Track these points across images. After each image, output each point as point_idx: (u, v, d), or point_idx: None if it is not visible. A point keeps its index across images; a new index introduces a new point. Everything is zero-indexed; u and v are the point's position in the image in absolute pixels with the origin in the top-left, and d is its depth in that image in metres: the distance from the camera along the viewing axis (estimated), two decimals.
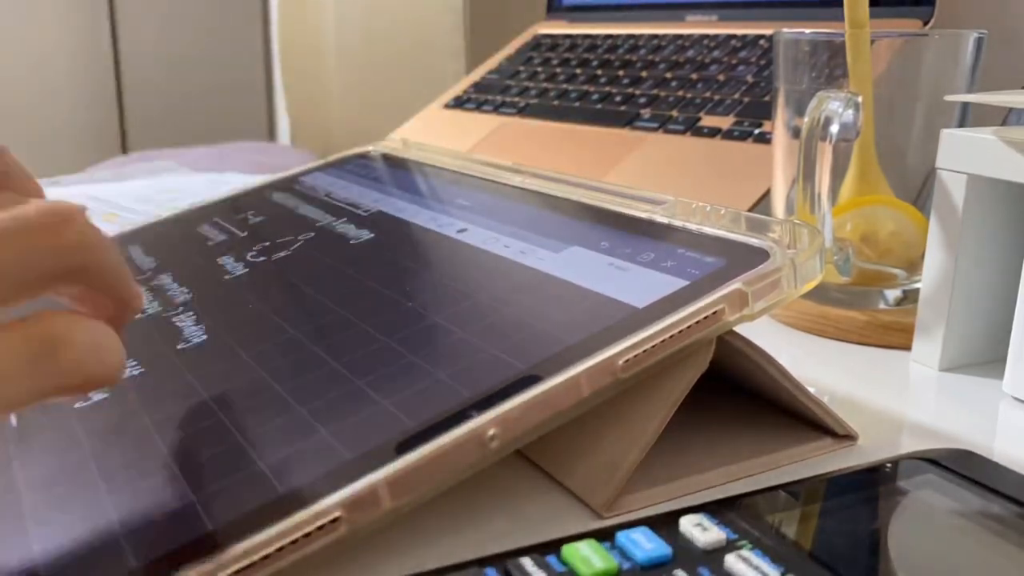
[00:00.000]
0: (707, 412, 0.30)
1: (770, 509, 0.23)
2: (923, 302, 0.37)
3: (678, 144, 0.59)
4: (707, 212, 0.31)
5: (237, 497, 0.22)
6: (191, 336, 0.32)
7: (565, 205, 0.35)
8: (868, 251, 0.41)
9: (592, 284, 0.28)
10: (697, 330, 0.25)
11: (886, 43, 0.40)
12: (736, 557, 0.21)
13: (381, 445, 0.22)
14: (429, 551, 0.24)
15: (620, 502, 0.26)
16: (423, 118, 0.79)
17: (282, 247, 0.39)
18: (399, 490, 0.21)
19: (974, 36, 0.39)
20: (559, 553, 0.21)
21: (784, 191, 0.43)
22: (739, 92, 0.61)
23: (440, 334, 0.27)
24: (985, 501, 0.24)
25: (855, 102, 0.37)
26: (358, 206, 0.42)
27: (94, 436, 0.26)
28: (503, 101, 0.75)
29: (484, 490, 0.27)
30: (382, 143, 0.53)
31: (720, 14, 0.71)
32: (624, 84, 0.69)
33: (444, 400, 0.24)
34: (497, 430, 0.23)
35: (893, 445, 0.30)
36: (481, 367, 0.25)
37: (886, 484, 0.25)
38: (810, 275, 0.27)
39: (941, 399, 0.35)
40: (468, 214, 0.37)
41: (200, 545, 0.20)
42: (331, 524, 0.21)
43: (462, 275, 0.31)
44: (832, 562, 0.21)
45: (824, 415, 0.29)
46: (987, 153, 0.34)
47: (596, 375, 0.24)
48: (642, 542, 0.21)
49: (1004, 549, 0.22)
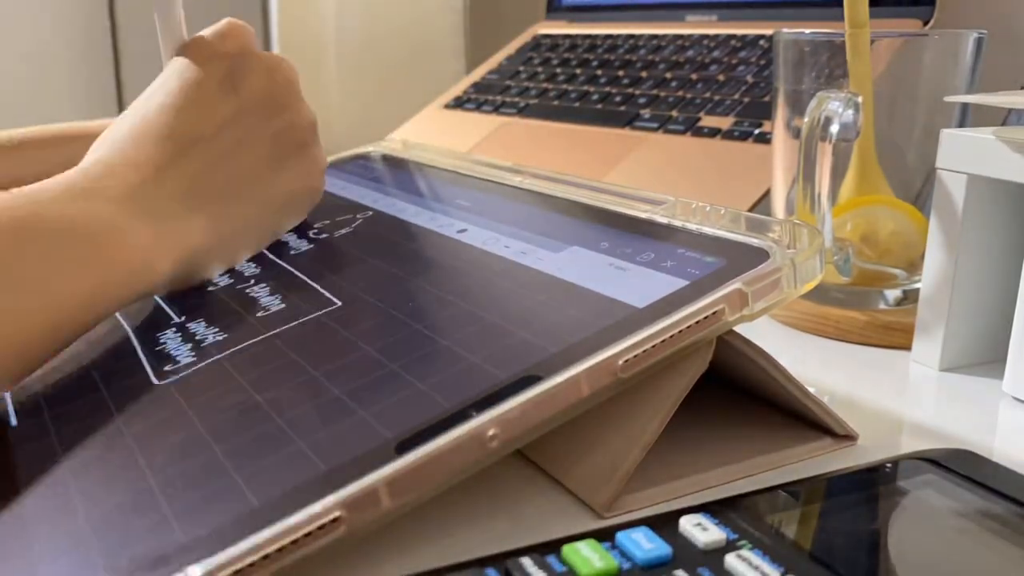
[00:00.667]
0: (707, 412, 0.30)
1: (770, 509, 0.23)
2: (923, 302, 0.37)
3: (678, 144, 0.59)
4: (707, 212, 0.31)
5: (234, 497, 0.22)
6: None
7: (565, 205, 0.35)
8: (868, 251, 0.41)
9: (592, 284, 0.28)
10: (697, 330, 0.25)
11: (886, 43, 0.40)
12: (736, 557, 0.21)
13: (381, 445, 0.22)
14: (429, 551, 0.24)
15: (620, 502, 0.26)
16: (423, 118, 0.79)
17: (283, 246, 0.39)
18: (399, 490, 0.21)
19: (974, 36, 0.39)
20: (559, 553, 0.21)
21: (784, 191, 0.43)
22: (739, 92, 0.61)
23: (440, 334, 0.27)
24: (985, 501, 0.24)
25: (855, 102, 0.37)
26: (358, 206, 0.42)
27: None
28: (503, 101, 0.75)
29: (484, 490, 0.27)
30: (382, 143, 0.53)
31: (720, 14, 0.71)
32: (624, 84, 0.69)
33: (444, 400, 0.24)
34: (497, 430, 0.23)
35: (893, 445, 0.30)
36: (481, 367, 0.25)
37: (886, 484, 0.25)
38: (810, 275, 0.27)
39: (941, 399, 0.35)
40: (468, 214, 0.37)
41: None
42: (331, 524, 0.21)
43: (462, 275, 0.31)
44: (832, 562, 0.21)
45: (824, 415, 0.29)
46: (987, 153, 0.34)
47: (596, 375, 0.24)
48: (642, 542, 0.21)
49: (1004, 549, 0.22)
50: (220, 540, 0.20)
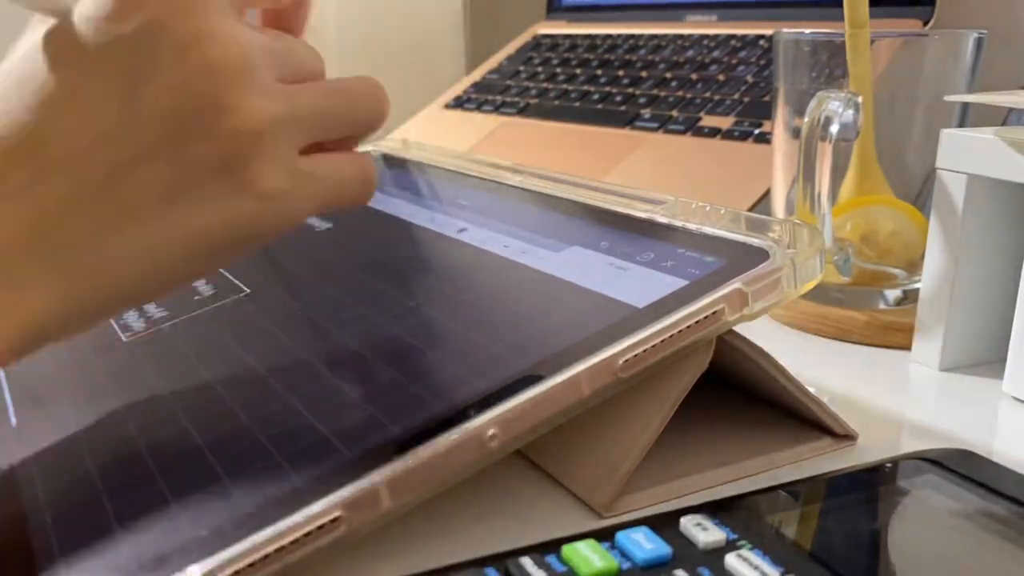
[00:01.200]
0: (707, 412, 0.30)
1: (770, 509, 0.23)
2: (923, 302, 0.37)
3: (678, 144, 0.59)
4: (707, 212, 0.31)
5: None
6: None
7: (565, 205, 0.35)
8: (868, 251, 0.41)
9: (592, 284, 0.28)
10: (697, 330, 0.25)
11: (886, 43, 0.40)
12: (736, 557, 0.21)
13: (381, 445, 0.22)
14: (429, 551, 0.24)
15: (620, 502, 0.26)
16: (423, 118, 0.79)
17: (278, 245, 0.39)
18: (399, 490, 0.21)
19: (974, 36, 0.39)
20: (559, 553, 0.21)
21: (784, 191, 0.43)
22: (739, 92, 0.61)
23: (439, 334, 0.27)
24: (985, 501, 0.24)
25: (855, 102, 0.37)
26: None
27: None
28: (503, 101, 0.75)
29: (484, 490, 0.27)
30: (382, 143, 0.53)
31: (720, 14, 0.71)
32: (624, 84, 0.69)
33: (444, 400, 0.24)
34: (497, 430, 0.23)
35: (893, 445, 0.30)
36: (481, 367, 0.25)
37: (886, 484, 0.25)
38: (810, 275, 0.27)
39: (941, 399, 0.35)
40: (468, 214, 0.37)
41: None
42: (331, 524, 0.21)
43: (462, 275, 0.31)
44: (832, 562, 0.21)
45: (824, 415, 0.29)
46: (987, 153, 0.34)
47: (596, 375, 0.24)
48: (642, 542, 0.21)
49: (1004, 549, 0.22)
50: (220, 540, 0.20)
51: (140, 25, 0.23)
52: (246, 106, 0.24)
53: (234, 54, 0.24)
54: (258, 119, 0.24)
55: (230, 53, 0.24)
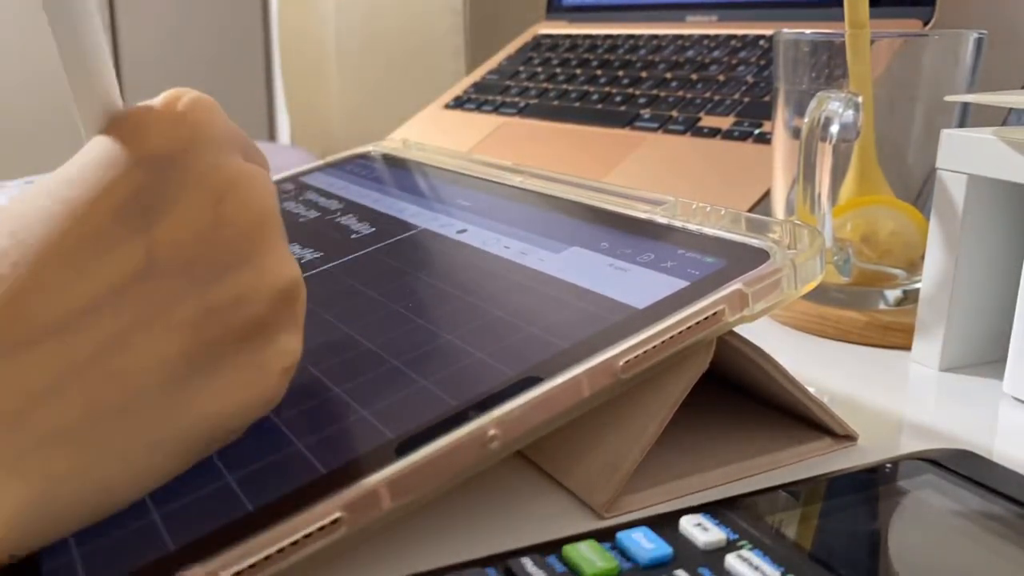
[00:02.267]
0: (707, 412, 0.30)
1: (770, 509, 0.23)
2: (923, 302, 0.37)
3: (678, 144, 0.59)
4: (707, 212, 0.31)
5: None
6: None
7: (565, 205, 0.35)
8: (868, 251, 0.41)
9: (592, 285, 0.28)
10: (697, 331, 0.25)
11: (886, 43, 0.40)
12: (736, 557, 0.21)
13: (382, 445, 0.22)
14: (429, 551, 0.24)
15: (620, 502, 0.26)
16: (423, 118, 0.79)
17: None
18: (399, 491, 0.21)
19: (974, 36, 0.39)
20: (559, 553, 0.21)
21: (784, 191, 0.43)
22: (739, 92, 0.61)
23: (440, 335, 0.27)
24: (985, 501, 0.24)
25: (855, 102, 0.38)
26: (359, 206, 0.42)
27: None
28: (503, 101, 0.75)
29: (484, 490, 0.27)
30: (382, 143, 0.53)
31: (720, 14, 0.71)
32: (624, 84, 0.69)
33: (445, 401, 0.24)
34: (498, 431, 0.23)
35: (893, 445, 0.30)
36: (481, 368, 0.25)
37: (886, 484, 0.25)
38: (810, 276, 0.27)
39: (941, 399, 0.35)
40: (468, 214, 0.37)
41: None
42: (331, 525, 0.21)
43: (462, 276, 0.31)
44: (832, 562, 0.21)
45: (824, 415, 0.29)
46: (987, 153, 0.34)
47: (597, 376, 0.24)
48: (642, 542, 0.21)
49: (1004, 549, 0.22)
50: (220, 540, 0.20)
51: (166, 149, 0.22)
52: (276, 263, 0.22)
53: (265, 200, 0.23)
54: (285, 279, 0.22)
55: (263, 201, 0.23)
